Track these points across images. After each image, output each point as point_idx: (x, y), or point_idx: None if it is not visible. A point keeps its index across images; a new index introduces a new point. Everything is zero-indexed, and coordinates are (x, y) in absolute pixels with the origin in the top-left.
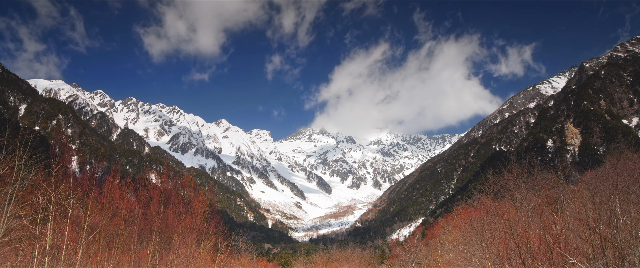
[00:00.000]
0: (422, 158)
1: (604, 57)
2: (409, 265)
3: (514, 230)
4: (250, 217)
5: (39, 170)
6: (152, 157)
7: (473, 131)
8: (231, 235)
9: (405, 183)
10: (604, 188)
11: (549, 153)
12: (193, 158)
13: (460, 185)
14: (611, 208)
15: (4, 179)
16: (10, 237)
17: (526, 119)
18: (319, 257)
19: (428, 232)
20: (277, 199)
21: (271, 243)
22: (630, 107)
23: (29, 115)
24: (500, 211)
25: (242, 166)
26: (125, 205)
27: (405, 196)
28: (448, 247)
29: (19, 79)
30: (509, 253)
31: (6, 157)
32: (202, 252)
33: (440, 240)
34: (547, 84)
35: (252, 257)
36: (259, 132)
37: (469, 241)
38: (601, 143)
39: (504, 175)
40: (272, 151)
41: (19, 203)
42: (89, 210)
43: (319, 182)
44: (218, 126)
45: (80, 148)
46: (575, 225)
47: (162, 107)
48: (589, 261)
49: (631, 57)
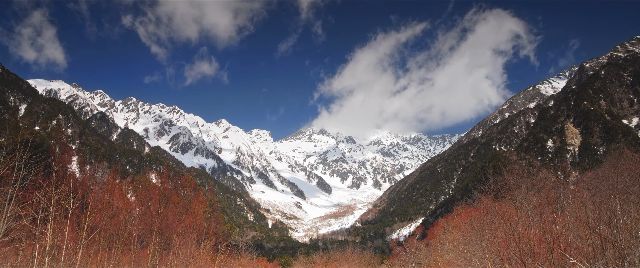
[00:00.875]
0: (422, 159)
1: (604, 57)
2: (409, 265)
3: (514, 230)
4: (250, 217)
5: (39, 170)
6: (152, 157)
7: (473, 131)
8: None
9: (405, 184)
10: (604, 189)
11: (549, 154)
12: (193, 159)
13: (461, 185)
14: (611, 208)
15: (4, 179)
16: (11, 237)
17: (526, 119)
18: (319, 257)
19: (428, 232)
20: (277, 199)
21: (271, 243)
22: (630, 107)
23: (29, 115)
24: (501, 211)
25: (242, 166)
26: (125, 205)
27: (405, 196)
28: (448, 247)
29: (19, 79)
30: (509, 254)
31: (6, 157)
32: (202, 252)
33: (441, 240)
34: (547, 84)
35: (252, 257)
36: (259, 132)
37: (469, 241)
38: (601, 143)
39: (504, 175)
40: (272, 151)
41: (19, 203)
42: (89, 210)
43: (319, 182)
44: (218, 126)
45: (80, 148)
46: (576, 225)
47: (162, 107)
48: (589, 261)
49: (631, 57)
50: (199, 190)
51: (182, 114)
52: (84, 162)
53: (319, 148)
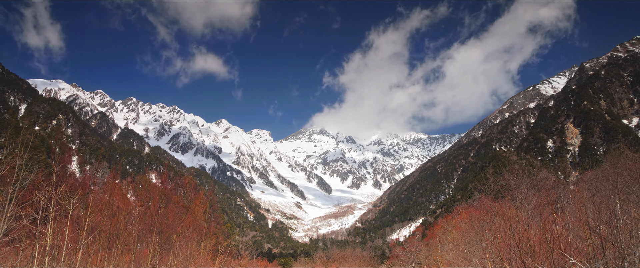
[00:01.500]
0: (422, 159)
1: (604, 57)
2: (409, 265)
3: (515, 230)
4: (250, 217)
5: (39, 170)
6: (152, 157)
7: (473, 131)
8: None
9: (406, 183)
10: (604, 189)
11: (549, 154)
12: (193, 158)
13: (461, 185)
14: (611, 208)
15: (4, 179)
16: (11, 237)
17: (526, 119)
18: (319, 257)
19: (428, 232)
20: (277, 199)
21: (271, 243)
22: (630, 107)
23: (29, 115)
24: (501, 211)
25: (242, 166)
26: (125, 205)
27: (405, 196)
28: (448, 247)
29: (19, 79)
30: (509, 253)
31: (7, 157)
32: (202, 252)
33: (441, 240)
34: (547, 84)
35: (252, 257)
36: (259, 132)
37: (469, 241)
38: (601, 143)
39: (504, 175)
40: (272, 151)
41: (20, 203)
42: (89, 210)
43: (319, 182)
44: (218, 126)
45: (81, 148)
46: (576, 225)
47: (162, 107)
48: (589, 261)
49: (631, 57)
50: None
51: (182, 113)
52: (84, 162)
53: (319, 148)
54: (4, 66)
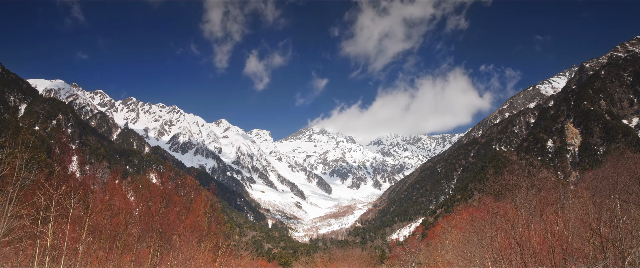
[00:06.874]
0: (422, 159)
1: (604, 57)
2: (409, 265)
3: (516, 230)
4: (250, 217)
5: (40, 170)
6: (152, 157)
7: (473, 131)
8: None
9: (406, 183)
10: (605, 189)
11: (549, 154)
12: (193, 158)
13: (461, 185)
14: (612, 208)
15: (5, 179)
16: (11, 236)
17: (526, 119)
18: (319, 257)
19: (428, 232)
20: (277, 199)
21: (271, 243)
22: (630, 107)
23: (29, 115)
24: (501, 211)
25: (242, 166)
26: (126, 206)
27: (405, 196)
28: (448, 247)
29: (19, 79)
30: (510, 253)
31: (7, 156)
32: (202, 252)
33: (441, 240)
34: (547, 84)
35: (252, 257)
36: (259, 132)
37: (469, 241)
38: (601, 143)
39: (504, 175)
40: (272, 151)
41: (20, 203)
42: (90, 210)
43: (319, 182)
44: (218, 126)
45: (81, 148)
46: (576, 225)
47: (162, 107)
48: (590, 261)
49: (631, 57)
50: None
51: (182, 113)
52: (84, 162)
53: (319, 148)
54: (4, 66)
